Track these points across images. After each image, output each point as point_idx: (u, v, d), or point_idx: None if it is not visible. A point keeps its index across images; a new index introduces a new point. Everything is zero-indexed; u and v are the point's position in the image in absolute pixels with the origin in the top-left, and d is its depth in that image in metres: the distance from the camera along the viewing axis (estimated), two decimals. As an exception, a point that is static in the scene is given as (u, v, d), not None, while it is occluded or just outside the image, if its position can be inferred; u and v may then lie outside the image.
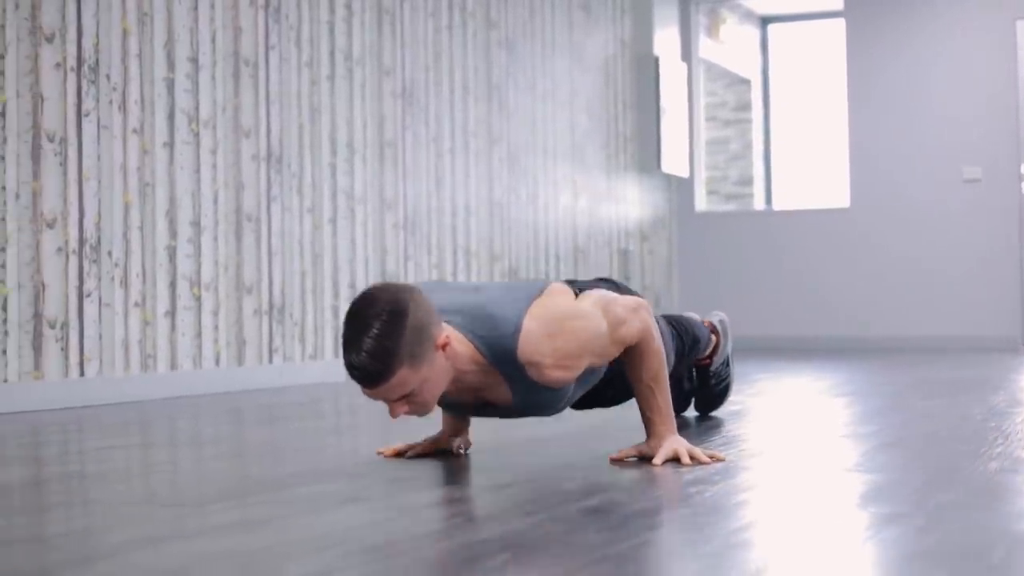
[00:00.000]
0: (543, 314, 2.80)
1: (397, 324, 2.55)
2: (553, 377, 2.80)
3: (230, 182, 5.51)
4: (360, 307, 2.58)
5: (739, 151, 11.37)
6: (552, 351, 2.77)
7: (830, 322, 9.36)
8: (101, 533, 2.08)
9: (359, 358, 2.54)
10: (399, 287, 2.62)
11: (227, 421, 4.19)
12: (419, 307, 2.60)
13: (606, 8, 8.92)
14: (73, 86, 4.77)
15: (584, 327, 2.83)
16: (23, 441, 3.59)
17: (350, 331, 2.57)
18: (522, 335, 2.76)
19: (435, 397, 2.68)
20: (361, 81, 6.35)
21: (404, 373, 2.57)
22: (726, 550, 1.89)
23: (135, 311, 5.02)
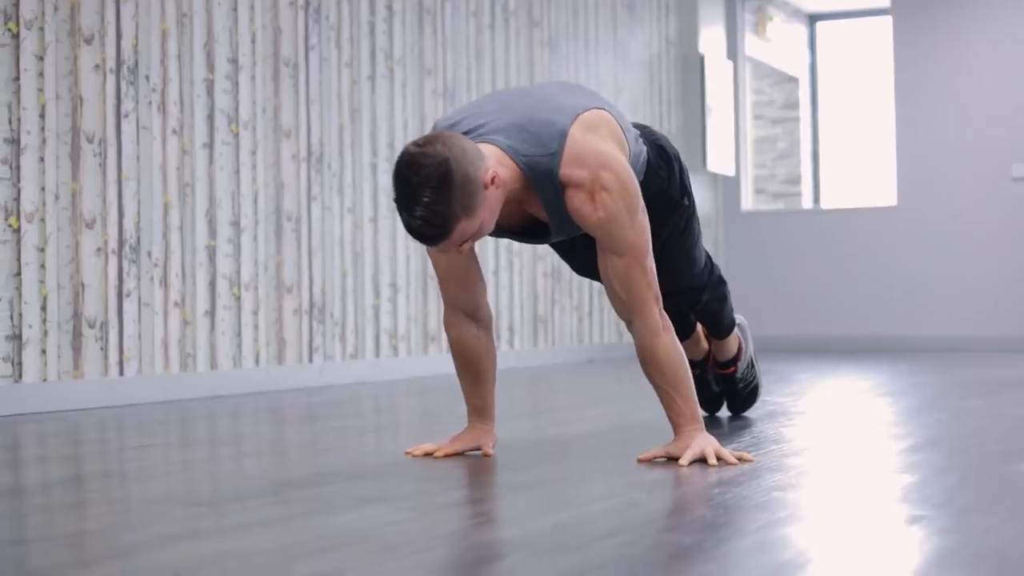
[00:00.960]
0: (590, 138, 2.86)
1: (445, 187, 2.62)
2: (583, 209, 2.84)
3: (270, 182, 5.53)
4: (407, 173, 2.64)
5: (786, 149, 11.29)
6: (592, 178, 2.82)
7: (876, 321, 9.28)
8: (117, 532, 2.09)
9: (417, 224, 2.64)
10: (438, 144, 2.66)
11: (263, 420, 4.21)
12: (461, 160, 2.65)
13: (650, 7, 8.89)
14: (112, 87, 4.80)
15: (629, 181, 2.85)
16: (57, 440, 3.62)
17: (402, 198, 2.65)
18: (567, 150, 2.82)
19: (492, 224, 2.78)
20: (402, 81, 6.36)
21: (462, 226, 2.68)
22: (738, 553, 1.88)
23: (175, 311, 5.05)
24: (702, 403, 4.12)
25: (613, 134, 2.97)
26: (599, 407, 4.48)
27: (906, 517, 2.15)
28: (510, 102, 2.96)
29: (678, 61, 9.25)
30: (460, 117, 2.96)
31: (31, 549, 1.96)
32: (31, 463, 3.11)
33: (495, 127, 2.87)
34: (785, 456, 3.04)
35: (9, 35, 4.41)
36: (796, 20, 11.08)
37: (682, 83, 9.26)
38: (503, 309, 7.10)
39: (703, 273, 3.70)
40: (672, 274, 3.51)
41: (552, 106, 2.91)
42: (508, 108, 2.93)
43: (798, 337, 9.47)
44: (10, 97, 4.40)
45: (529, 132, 2.84)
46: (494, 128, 2.87)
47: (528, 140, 2.84)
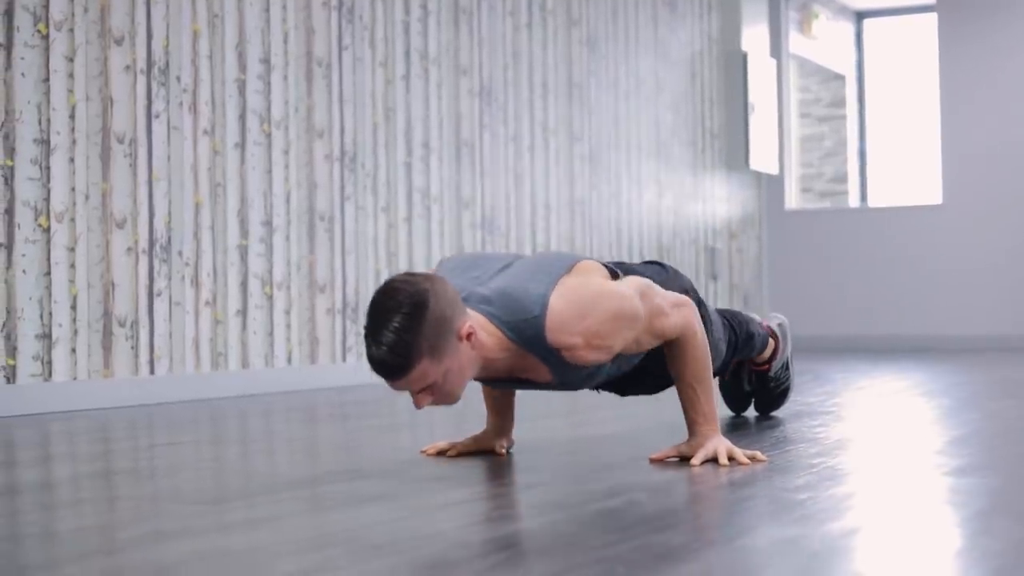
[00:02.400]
0: (570, 294, 2.75)
1: (417, 317, 2.52)
2: (587, 358, 2.76)
3: (303, 182, 5.55)
4: (381, 300, 2.56)
5: (833, 148, 11.22)
6: (583, 331, 2.73)
7: (920, 320, 9.20)
8: (112, 529, 2.10)
9: (379, 352, 2.53)
10: (421, 278, 2.59)
11: (289, 419, 4.22)
12: (440, 298, 2.57)
13: (692, 4, 8.86)
14: (143, 88, 4.83)
15: (617, 306, 2.77)
16: (80, 438, 3.64)
17: (371, 324, 2.56)
18: (548, 319, 2.71)
19: (460, 387, 2.65)
20: (437, 80, 6.37)
21: (424, 366, 2.55)
22: (723, 556, 1.86)
23: (206, 310, 5.08)
24: (731, 401, 4.11)
25: (594, 270, 2.90)
26: (632, 407, 4.46)
27: (927, 526, 2.12)
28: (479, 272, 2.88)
29: (720, 59, 9.20)
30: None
31: (17, 546, 1.97)
32: (46, 461, 3.13)
33: (473, 296, 2.79)
34: (800, 457, 3.02)
35: (39, 36, 4.45)
36: (843, 17, 11.00)
37: (724, 81, 9.21)
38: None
39: (727, 353, 3.67)
40: None
41: (527, 275, 2.82)
42: (479, 278, 2.86)
43: (841, 336, 9.41)
44: (40, 98, 4.44)
45: (508, 299, 2.75)
46: (472, 296, 2.79)
47: (509, 308, 2.74)
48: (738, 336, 3.67)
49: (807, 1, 10.32)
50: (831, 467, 2.82)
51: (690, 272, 8.68)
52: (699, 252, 8.82)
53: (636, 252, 8.02)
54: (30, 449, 3.39)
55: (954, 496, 2.37)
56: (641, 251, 8.07)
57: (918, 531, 2.02)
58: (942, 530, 2.03)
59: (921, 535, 1.98)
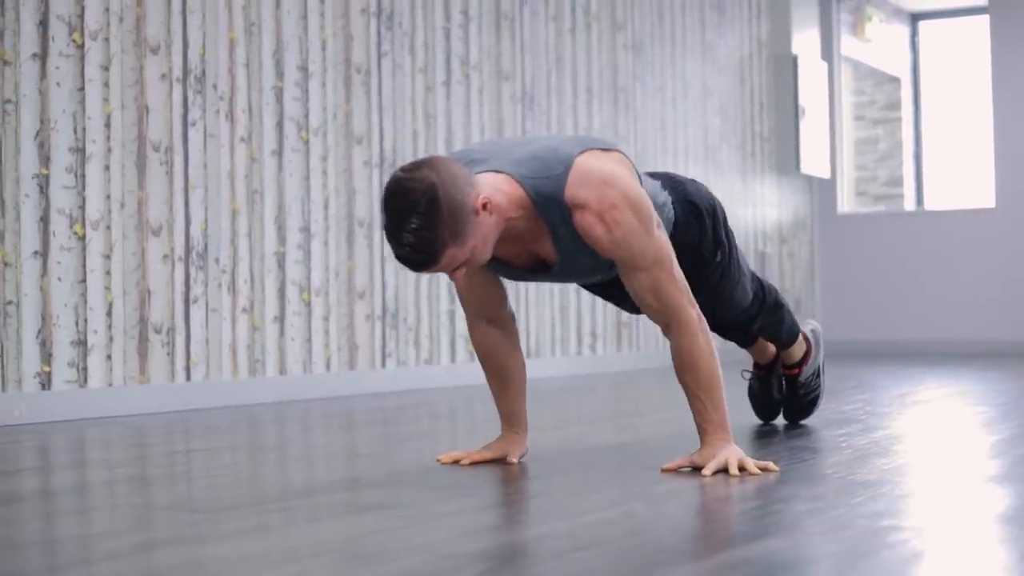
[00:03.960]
0: (597, 161, 2.83)
1: (432, 212, 2.59)
2: (594, 230, 2.79)
3: (341, 188, 5.58)
4: (393, 200, 2.62)
5: (888, 151, 11.12)
6: (599, 196, 2.78)
7: (972, 325, 9.09)
8: (108, 537, 2.12)
9: (404, 251, 2.63)
10: (426, 170, 2.64)
11: (320, 426, 4.24)
12: (449, 184, 2.63)
13: (741, 8, 8.81)
14: (179, 96, 4.87)
15: (639, 198, 2.81)
16: (107, 444, 3.68)
17: (390, 225, 2.64)
18: (571, 175, 2.79)
19: (488, 253, 2.74)
20: (479, 86, 6.37)
21: (451, 252, 2.65)
22: (706, 569, 1.85)
23: (243, 316, 5.11)
24: (760, 409, 4.08)
25: (623, 164, 2.94)
26: (658, 414, 4.45)
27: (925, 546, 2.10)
28: (519, 142, 2.96)
29: (770, 63, 9.15)
30: (465, 154, 2.94)
31: (16, 553, 2.00)
32: (68, 467, 3.17)
33: (502, 160, 2.86)
34: (817, 467, 2.99)
35: (74, 46, 4.50)
36: (897, 20, 10.91)
37: (774, 85, 9.16)
38: (585, 314, 7.08)
39: (752, 307, 3.65)
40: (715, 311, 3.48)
41: (564, 141, 2.91)
42: (518, 144, 2.93)
43: (893, 341, 9.32)
44: (75, 107, 4.49)
45: (537, 159, 2.83)
46: (501, 161, 2.86)
47: (534, 166, 2.82)
48: (766, 296, 3.65)
49: (860, 3, 10.24)
50: (844, 478, 2.80)
51: (739, 277, 8.63)
52: (749, 257, 8.77)
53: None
54: (59, 455, 3.43)
55: (969, 513, 2.35)
56: (688, 256, 8.03)
57: (913, 553, 2.00)
58: (944, 552, 2.01)
59: (917, 557, 1.96)
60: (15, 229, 4.31)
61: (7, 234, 4.28)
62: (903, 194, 11.00)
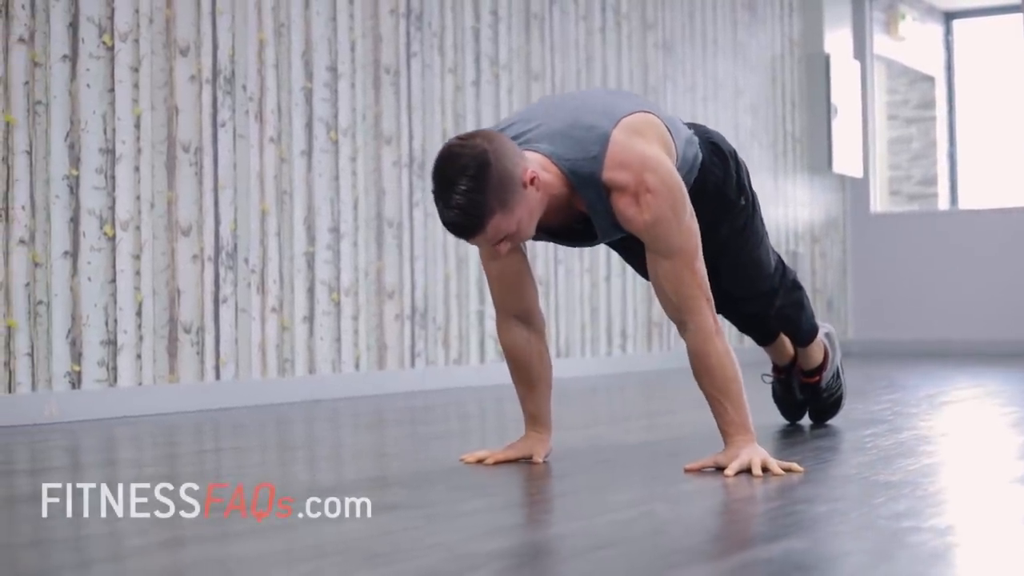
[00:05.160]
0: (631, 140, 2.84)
1: (482, 177, 2.64)
2: (627, 210, 2.82)
3: (370, 188, 5.59)
4: (444, 165, 2.67)
5: (921, 150, 11.06)
6: (635, 176, 2.80)
7: (1007, 325, 9.03)
8: (118, 538, 2.14)
9: (451, 214, 2.66)
10: (478, 138, 2.70)
11: (347, 425, 4.26)
12: (501, 155, 2.68)
13: (773, 7, 8.79)
14: (208, 97, 4.90)
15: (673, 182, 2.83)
16: (134, 443, 3.70)
17: (439, 188, 2.68)
18: (608, 154, 2.81)
19: (532, 228, 2.78)
20: (508, 86, 6.38)
21: (497, 220, 2.68)
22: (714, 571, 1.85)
23: (272, 316, 5.13)
24: (785, 411, 4.07)
25: (659, 136, 2.95)
26: (686, 413, 4.44)
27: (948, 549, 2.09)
28: (554, 109, 2.96)
29: (802, 62, 9.12)
30: (507, 124, 2.98)
31: (27, 552, 2.01)
32: (95, 466, 3.19)
33: (539, 134, 2.89)
34: (840, 467, 2.99)
35: (104, 48, 4.53)
36: (931, 19, 10.85)
37: (807, 84, 9.13)
38: (616, 314, 7.08)
39: (774, 276, 3.63)
40: (738, 278, 3.47)
41: (596, 111, 2.91)
42: (552, 115, 2.94)
43: (926, 341, 9.27)
44: (105, 108, 4.52)
45: (572, 138, 2.85)
46: (538, 135, 2.89)
47: (571, 146, 2.85)
48: (785, 272, 3.64)
49: (893, 2, 10.19)
50: (868, 479, 2.79)
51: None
52: (781, 256, 8.74)
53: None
54: (88, 454, 3.46)
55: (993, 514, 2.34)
56: (719, 256, 8.01)
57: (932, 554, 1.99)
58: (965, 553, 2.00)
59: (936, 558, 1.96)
60: (45, 230, 4.34)
61: (37, 234, 4.31)
62: (937, 193, 10.94)
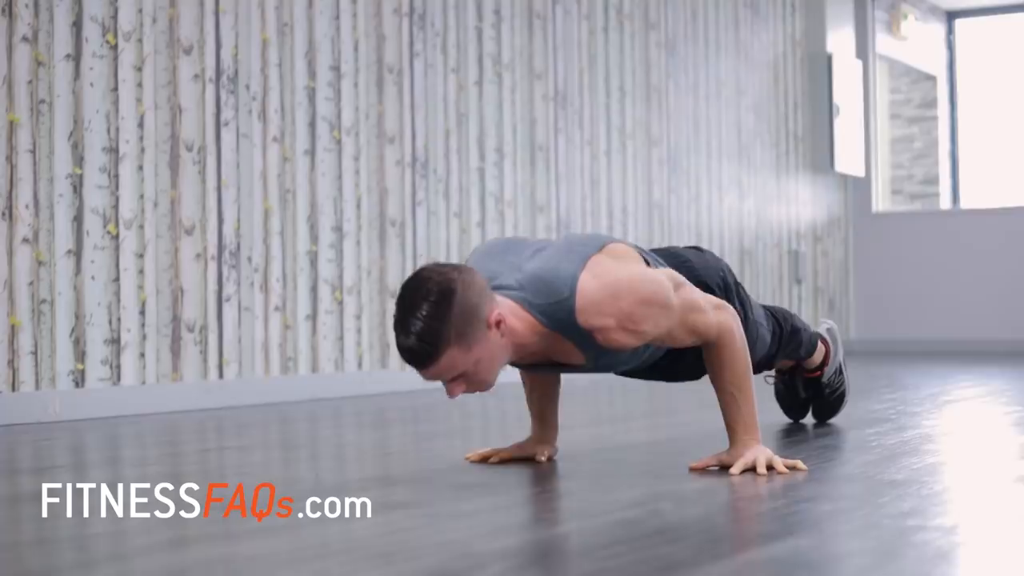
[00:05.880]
0: (601, 274, 2.74)
1: (444, 305, 2.55)
2: (620, 340, 2.75)
3: (373, 187, 5.59)
4: (409, 289, 2.60)
5: (923, 149, 11.07)
6: (615, 312, 2.71)
7: (1012, 325, 9.03)
8: (125, 537, 2.14)
9: (408, 340, 2.57)
10: (449, 268, 2.62)
11: (350, 424, 4.26)
12: (468, 287, 2.59)
13: (775, 6, 8.79)
14: (212, 97, 4.90)
15: (651, 291, 2.75)
16: (138, 441, 3.71)
17: (399, 313, 2.59)
18: (579, 299, 2.70)
19: (492, 375, 2.67)
20: (511, 85, 6.38)
21: (453, 354, 2.57)
22: (725, 570, 1.85)
23: (275, 315, 5.14)
24: (788, 409, 4.07)
25: (628, 255, 2.88)
26: (690, 413, 4.44)
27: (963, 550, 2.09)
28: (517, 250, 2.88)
29: (804, 61, 9.12)
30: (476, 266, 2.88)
31: (31, 551, 2.02)
32: (99, 465, 3.19)
33: (511, 281, 2.79)
34: (845, 466, 2.99)
35: (107, 47, 4.53)
36: (933, 18, 10.85)
37: (809, 83, 9.13)
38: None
39: (771, 347, 3.59)
40: None
41: (562, 252, 2.81)
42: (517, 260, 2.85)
43: (928, 340, 9.27)
44: (108, 107, 4.52)
45: (541, 281, 2.75)
46: (507, 282, 2.79)
47: (539, 290, 2.74)
48: (783, 329, 3.62)
49: (895, 2, 10.20)
50: (873, 478, 2.79)
51: (774, 276, 8.61)
52: (782, 256, 8.75)
53: (717, 255, 7.96)
54: (92, 452, 3.46)
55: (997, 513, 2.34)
56: (722, 254, 8.02)
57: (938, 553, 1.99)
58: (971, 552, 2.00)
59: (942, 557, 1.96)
60: (49, 228, 4.34)
61: (41, 233, 4.32)
62: (938, 192, 10.95)
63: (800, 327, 3.70)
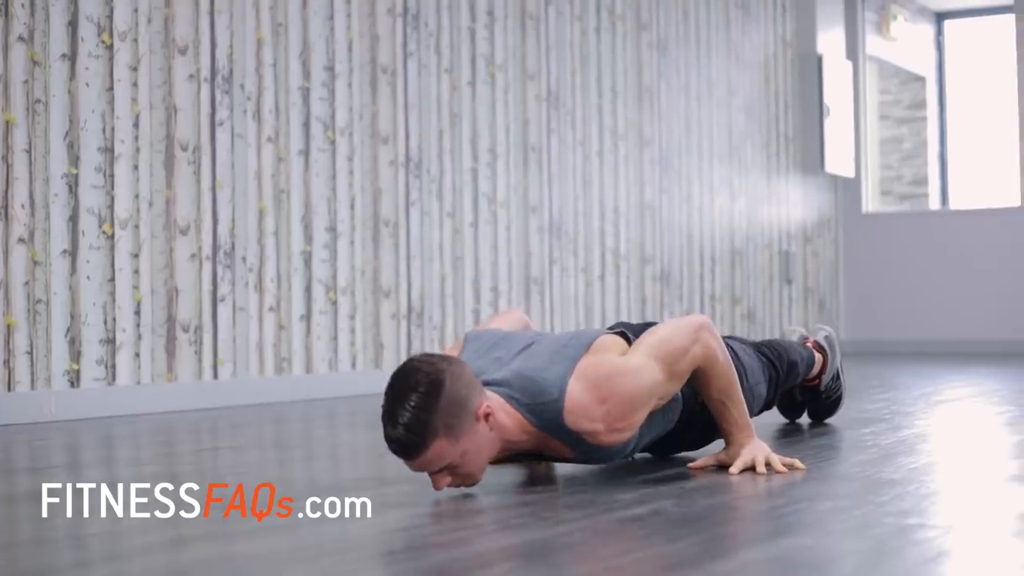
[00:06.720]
0: (590, 375, 2.73)
1: (433, 396, 2.50)
2: (609, 441, 2.75)
3: (367, 188, 5.60)
4: (398, 379, 2.56)
5: (912, 150, 11.09)
6: (603, 416, 2.71)
7: (999, 325, 9.07)
8: (123, 536, 2.14)
9: (395, 431, 2.52)
10: (438, 359, 2.58)
11: (345, 424, 4.27)
12: (458, 379, 2.55)
13: (766, 7, 8.81)
14: (207, 96, 4.90)
15: (635, 384, 2.75)
16: (132, 442, 3.71)
17: (388, 404, 2.55)
18: (567, 402, 2.69)
19: (479, 468, 2.62)
20: (504, 86, 6.39)
21: (441, 445, 2.52)
22: (728, 568, 1.86)
23: (270, 315, 5.14)
24: (784, 410, 4.08)
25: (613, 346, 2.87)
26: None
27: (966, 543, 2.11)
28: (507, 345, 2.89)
29: (795, 62, 9.14)
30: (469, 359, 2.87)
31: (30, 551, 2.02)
32: (94, 465, 3.20)
33: (499, 378, 2.77)
34: (842, 465, 3.00)
35: (103, 47, 4.53)
36: (922, 19, 10.89)
37: (799, 84, 9.15)
38: (610, 313, 7.10)
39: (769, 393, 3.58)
40: None
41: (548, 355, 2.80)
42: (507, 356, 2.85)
43: (918, 341, 9.30)
44: (104, 107, 4.52)
45: (529, 380, 2.73)
46: (496, 378, 2.77)
47: (528, 390, 2.72)
48: (779, 372, 3.60)
49: (885, 2, 10.22)
50: (870, 477, 2.80)
51: (764, 276, 8.63)
52: (773, 256, 8.77)
53: (708, 255, 7.99)
54: (88, 452, 3.46)
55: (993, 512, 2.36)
56: (713, 255, 8.04)
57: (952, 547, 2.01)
58: (970, 551, 2.01)
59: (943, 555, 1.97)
60: (44, 228, 4.34)
61: (37, 233, 4.32)
62: (928, 193, 10.98)
63: (796, 359, 3.68)
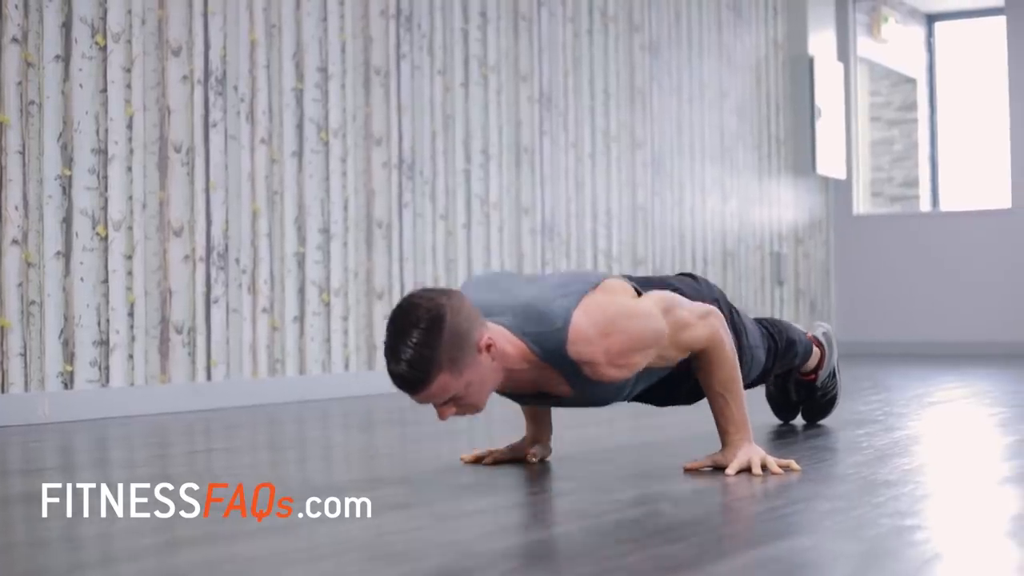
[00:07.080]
0: (595, 310, 2.76)
1: (435, 331, 2.55)
2: (608, 375, 2.77)
3: (360, 189, 5.60)
4: (399, 315, 2.60)
5: (903, 152, 11.12)
6: (605, 349, 2.74)
7: (990, 326, 9.09)
8: (131, 537, 2.14)
9: (399, 367, 2.57)
10: (438, 292, 2.63)
11: (338, 425, 4.26)
12: (458, 312, 2.60)
13: (757, 9, 8.82)
14: (200, 98, 4.90)
15: (641, 327, 2.78)
16: (126, 444, 3.71)
17: (390, 340, 2.60)
18: (571, 332, 2.72)
19: (483, 398, 2.68)
20: (497, 87, 6.39)
21: (444, 379, 2.58)
22: (731, 569, 1.86)
23: (263, 316, 5.14)
24: (778, 411, 4.09)
25: (622, 289, 2.91)
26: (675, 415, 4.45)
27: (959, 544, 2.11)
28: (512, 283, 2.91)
29: (787, 64, 9.16)
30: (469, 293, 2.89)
31: (29, 552, 2.02)
32: (88, 466, 3.19)
33: (503, 307, 2.81)
34: (838, 466, 3.01)
35: (96, 48, 4.53)
36: (913, 20, 10.91)
37: (791, 86, 9.17)
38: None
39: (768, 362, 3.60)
40: None
41: (555, 289, 2.83)
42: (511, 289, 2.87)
43: (909, 342, 9.32)
44: (97, 108, 4.52)
45: (534, 310, 2.77)
46: (500, 310, 2.80)
47: (532, 319, 2.75)
48: (778, 344, 3.63)
49: (876, 4, 10.24)
50: (866, 478, 2.81)
51: (756, 278, 8.64)
52: (764, 257, 8.78)
53: (700, 257, 8.00)
54: (81, 454, 3.46)
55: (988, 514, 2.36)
56: (705, 256, 8.05)
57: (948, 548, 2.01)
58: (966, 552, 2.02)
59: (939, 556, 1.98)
60: (38, 230, 4.34)
61: (30, 235, 4.32)
62: (919, 195, 11.00)
63: (795, 338, 3.71)
